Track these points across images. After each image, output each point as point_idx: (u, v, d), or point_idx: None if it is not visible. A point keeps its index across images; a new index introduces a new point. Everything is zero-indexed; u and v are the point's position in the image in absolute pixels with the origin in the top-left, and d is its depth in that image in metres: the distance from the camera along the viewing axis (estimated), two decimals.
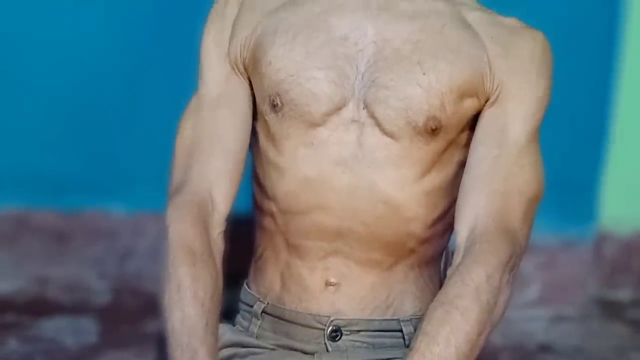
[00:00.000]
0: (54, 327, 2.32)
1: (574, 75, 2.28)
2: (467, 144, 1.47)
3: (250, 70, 1.49)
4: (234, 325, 1.56)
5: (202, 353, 1.34)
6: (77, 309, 2.40)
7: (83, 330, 2.31)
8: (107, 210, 2.39)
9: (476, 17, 1.47)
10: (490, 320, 1.35)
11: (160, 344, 1.39)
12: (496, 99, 1.44)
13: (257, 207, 1.53)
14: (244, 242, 1.55)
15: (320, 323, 1.47)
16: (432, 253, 1.53)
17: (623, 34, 2.31)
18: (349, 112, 1.43)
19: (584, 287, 2.56)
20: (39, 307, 2.39)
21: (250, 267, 1.57)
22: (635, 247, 2.59)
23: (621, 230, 2.56)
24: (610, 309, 2.57)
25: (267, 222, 1.50)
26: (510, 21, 1.48)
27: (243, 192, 1.50)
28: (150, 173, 1.81)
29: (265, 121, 1.48)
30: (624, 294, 2.62)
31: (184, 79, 1.58)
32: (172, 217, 1.44)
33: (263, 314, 1.51)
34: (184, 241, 1.41)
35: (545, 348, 2.37)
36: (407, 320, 1.49)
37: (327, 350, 1.47)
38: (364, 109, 1.43)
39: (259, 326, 1.52)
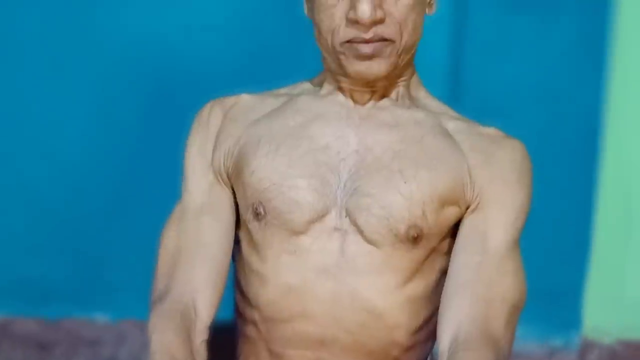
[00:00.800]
0: None
1: (556, 184, 2.30)
2: (449, 252, 1.47)
3: (234, 179, 1.50)
4: None
5: None
6: None
7: None
8: (90, 318, 2.37)
9: (456, 126, 1.49)
10: None
11: None
12: (477, 206, 1.46)
13: (239, 315, 1.52)
14: (226, 350, 1.54)
15: None
16: None
17: (604, 144, 2.34)
18: (331, 220, 1.44)
19: None
20: None
21: None
22: (619, 355, 2.58)
23: (605, 338, 2.55)
24: None
25: (250, 330, 1.49)
26: (490, 130, 1.50)
27: (225, 299, 1.50)
28: (134, 281, 1.81)
29: (248, 229, 1.49)
30: None
31: (167, 186, 1.58)
32: (155, 326, 1.44)
33: None
34: (166, 350, 1.40)
35: None
36: None
37: None
38: (346, 216, 1.44)
39: None
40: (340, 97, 1.49)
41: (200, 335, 1.46)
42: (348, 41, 1.41)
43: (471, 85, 2.24)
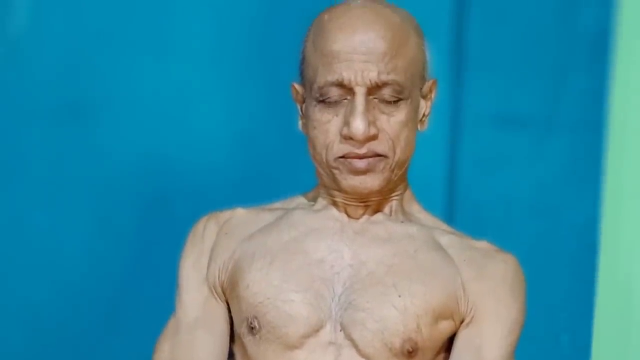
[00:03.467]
0: None
1: (553, 297, 2.29)
2: None
3: (228, 293, 1.50)
4: None
5: None
6: None
7: None
8: None
9: (449, 240, 1.50)
10: None
11: None
12: (471, 320, 1.45)
13: None
14: None
15: None
16: None
17: (599, 255, 2.34)
18: (326, 334, 1.43)
19: None
20: None
21: None
22: None
23: None
24: None
25: None
26: (482, 244, 1.51)
27: None
28: None
29: (243, 344, 1.48)
30: None
31: (161, 300, 1.58)
32: None
33: None
34: None
35: None
36: None
37: None
38: (340, 330, 1.43)
39: None
40: (334, 211, 1.50)
41: None
42: (342, 156, 1.42)
43: (466, 200, 2.25)
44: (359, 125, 1.39)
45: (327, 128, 1.42)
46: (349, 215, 1.49)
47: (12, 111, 2.25)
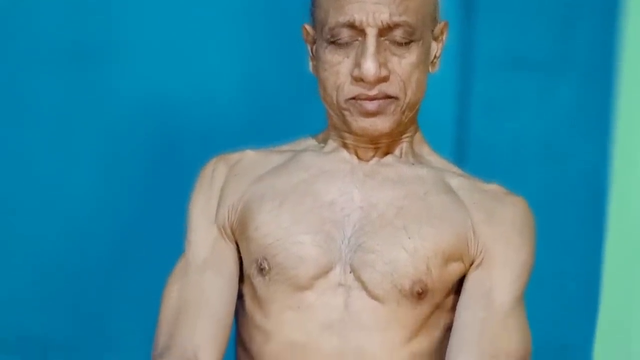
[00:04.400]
0: None
1: (563, 239, 2.30)
2: (453, 308, 1.47)
3: (238, 234, 1.50)
4: None
5: None
6: None
7: None
8: None
9: (459, 183, 1.50)
10: None
11: None
12: (481, 262, 1.46)
13: None
14: None
15: None
16: None
17: (608, 199, 2.34)
18: (335, 275, 1.44)
19: None
20: None
21: None
22: None
23: None
24: None
25: None
26: (492, 187, 1.51)
27: (227, 355, 1.49)
28: (136, 337, 1.80)
29: (252, 284, 1.48)
30: None
31: (171, 241, 1.59)
32: None
33: None
34: None
35: None
36: None
37: None
38: (350, 272, 1.44)
39: None
40: (344, 153, 1.50)
41: None
42: (353, 98, 1.42)
43: (476, 143, 2.24)
44: (369, 67, 1.38)
45: (338, 69, 1.42)
46: (359, 157, 1.49)
47: (19, 54, 2.25)
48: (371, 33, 1.39)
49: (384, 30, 1.40)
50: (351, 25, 1.40)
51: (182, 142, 2.23)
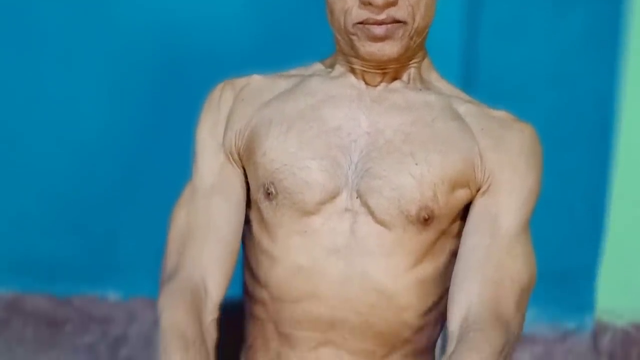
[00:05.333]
0: None
1: (571, 166, 2.30)
2: (459, 234, 1.47)
3: (245, 159, 1.50)
4: None
5: None
6: None
7: None
8: (100, 296, 2.39)
9: (467, 109, 1.49)
10: None
11: None
12: (487, 189, 1.46)
13: (248, 295, 1.53)
14: (234, 330, 1.55)
15: None
16: (426, 343, 1.52)
17: (618, 123, 2.33)
18: (342, 201, 1.44)
19: None
20: None
21: (241, 356, 1.56)
22: (633, 338, 2.57)
23: (619, 321, 2.54)
24: None
25: (258, 310, 1.50)
26: (500, 114, 1.50)
27: (233, 280, 1.50)
28: (145, 259, 1.81)
29: (259, 209, 1.49)
30: None
31: (178, 166, 1.59)
32: (165, 304, 1.44)
33: None
34: (176, 328, 1.41)
35: None
36: None
37: None
38: (357, 198, 1.44)
39: None
40: (351, 78, 1.49)
41: (210, 314, 1.46)
42: (361, 22, 1.41)
43: (484, 69, 2.23)
44: None
45: None
46: (366, 83, 1.48)
47: None
48: None
49: None
50: None
51: (189, 67, 2.23)
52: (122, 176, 2.30)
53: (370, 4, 1.38)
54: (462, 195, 1.46)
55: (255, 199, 1.50)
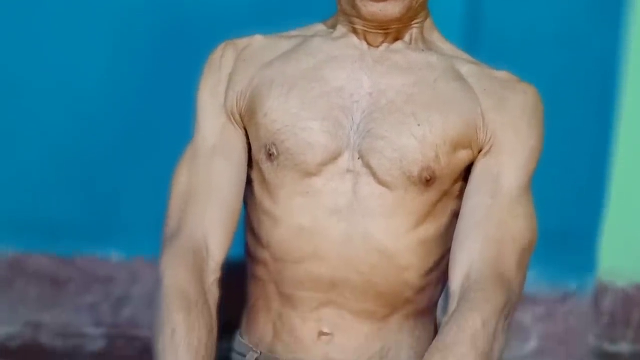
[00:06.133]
0: None
1: (572, 126, 2.29)
2: (461, 195, 1.47)
3: (246, 120, 1.50)
4: None
5: None
6: (71, 354, 2.38)
7: None
8: (102, 255, 2.39)
9: (469, 69, 1.49)
10: None
11: None
12: (489, 149, 1.46)
13: (250, 256, 1.53)
14: (236, 290, 1.55)
15: None
16: (427, 303, 1.53)
17: (620, 84, 2.32)
18: (344, 161, 1.44)
19: (582, 339, 2.54)
20: (32, 352, 2.38)
21: (243, 317, 1.57)
22: (634, 299, 2.57)
23: (620, 282, 2.55)
24: None
25: (260, 271, 1.50)
26: (502, 74, 1.50)
27: (235, 240, 1.51)
28: (147, 219, 1.81)
29: (261, 170, 1.49)
30: (623, 347, 2.60)
31: (180, 126, 1.59)
32: (167, 264, 1.45)
33: None
34: (178, 287, 1.41)
35: None
36: None
37: None
38: (358, 158, 1.44)
39: None
40: (353, 39, 1.48)
41: (212, 274, 1.47)
42: None
43: (486, 29, 2.22)
44: None
45: None
46: (368, 43, 1.47)
47: None
48: None
49: None
50: None
51: (192, 26, 2.21)
52: (125, 135, 2.29)
53: None
54: (463, 155, 1.46)
55: (257, 160, 1.50)
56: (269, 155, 1.47)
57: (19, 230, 2.36)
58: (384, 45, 1.47)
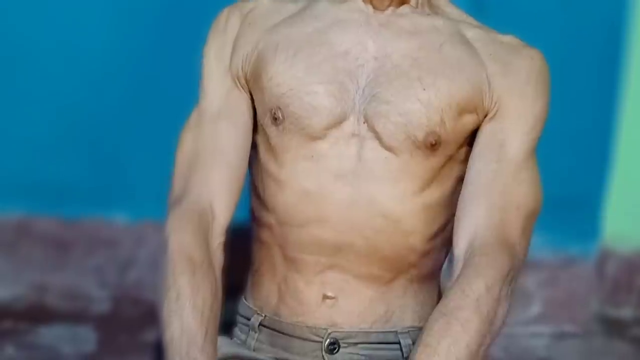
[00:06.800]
0: (52, 335, 2.32)
1: (577, 92, 2.29)
2: (466, 160, 1.47)
3: (252, 84, 1.50)
4: (231, 339, 1.56)
5: None
6: (76, 317, 2.40)
7: (81, 339, 2.31)
8: (108, 219, 2.40)
9: (475, 34, 1.48)
10: (490, 332, 1.35)
11: (159, 353, 1.39)
12: (494, 114, 1.45)
13: (255, 220, 1.53)
14: (241, 254, 1.56)
15: (318, 336, 1.47)
16: (432, 268, 1.53)
17: (626, 49, 2.32)
18: (349, 126, 1.44)
19: (586, 305, 2.55)
20: (37, 314, 2.39)
21: (248, 280, 1.57)
22: (638, 264, 2.58)
23: (624, 247, 2.56)
24: (612, 327, 2.56)
25: (265, 234, 1.50)
26: (508, 39, 1.49)
27: (241, 204, 1.51)
28: (152, 182, 1.82)
29: (266, 134, 1.49)
30: (626, 312, 2.61)
31: (186, 90, 1.59)
32: (173, 227, 1.45)
33: (260, 327, 1.52)
34: (184, 251, 1.42)
35: None
36: (405, 333, 1.49)
37: None
38: (364, 123, 1.43)
39: (257, 339, 1.52)
40: (359, 3, 1.47)
41: (218, 238, 1.48)
42: None
43: None
44: None
45: None
46: (374, 7, 1.47)
47: None
48: None
49: None
50: None
51: None
52: (131, 99, 2.30)
53: None
54: (469, 120, 1.45)
55: (262, 124, 1.50)
56: (274, 119, 1.46)
57: (25, 193, 2.37)
58: (390, 9, 1.47)
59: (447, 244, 1.52)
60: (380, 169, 1.44)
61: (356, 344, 1.48)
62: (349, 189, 1.44)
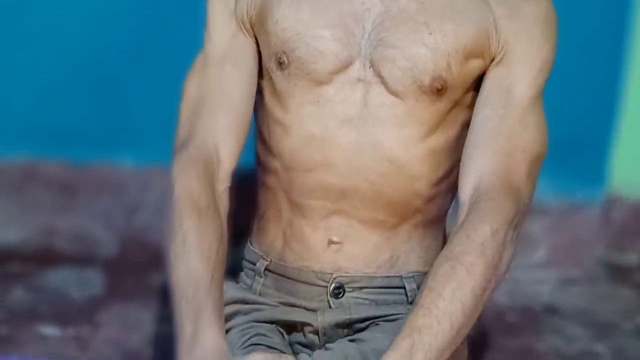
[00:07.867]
0: (59, 278, 2.33)
1: (585, 35, 2.27)
2: (472, 105, 1.47)
3: (257, 28, 1.49)
4: (237, 283, 1.57)
5: (208, 305, 1.35)
6: (83, 260, 2.41)
7: (89, 282, 2.32)
8: (115, 163, 2.40)
9: None
10: (495, 277, 1.36)
11: (166, 296, 1.39)
12: (501, 59, 1.45)
13: (261, 165, 1.53)
14: (247, 200, 1.56)
15: (323, 280, 1.48)
16: (437, 213, 1.53)
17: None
18: (355, 70, 1.43)
19: (591, 250, 2.56)
20: (45, 257, 2.41)
21: (253, 225, 1.58)
22: None
23: (631, 193, 2.55)
24: (617, 273, 2.57)
25: (271, 180, 1.50)
26: None
27: (246, 150, 1.51)
28: (159, 127, 1.82)
29: (271, 79, 1.48)
30: (632, 258, 2.62)
31: (192, 33, 1.58)
32: (178, 172, 1.45)
33: (266, 271, 1.53)
34: (189, 195, 1.42)
35: (551, 310, 2.37)
36: (410, 277, 1.50)
37: (330, 307, 1.48)
38: (370, 67, 1.43)
39: (262, 284, 1.53)
40: None
41: (223, 182, 1.48)
42: None
43: None
44: None
45: None
46: None
47: None
48: None
49: None
50: None
51: None
52: (136, 43, 2.29)
53: None
54: (476, 65, 1.45)
55: (268, 69, 1.49)
56: (280, 64, 1.46)
57: (31, 137, 2.37)
58: None
59: (453, 189, 1.52)
60: (385, 114, 1.44)
61: (361, 288, 1.49)
62: (355, 134, 1.44)
